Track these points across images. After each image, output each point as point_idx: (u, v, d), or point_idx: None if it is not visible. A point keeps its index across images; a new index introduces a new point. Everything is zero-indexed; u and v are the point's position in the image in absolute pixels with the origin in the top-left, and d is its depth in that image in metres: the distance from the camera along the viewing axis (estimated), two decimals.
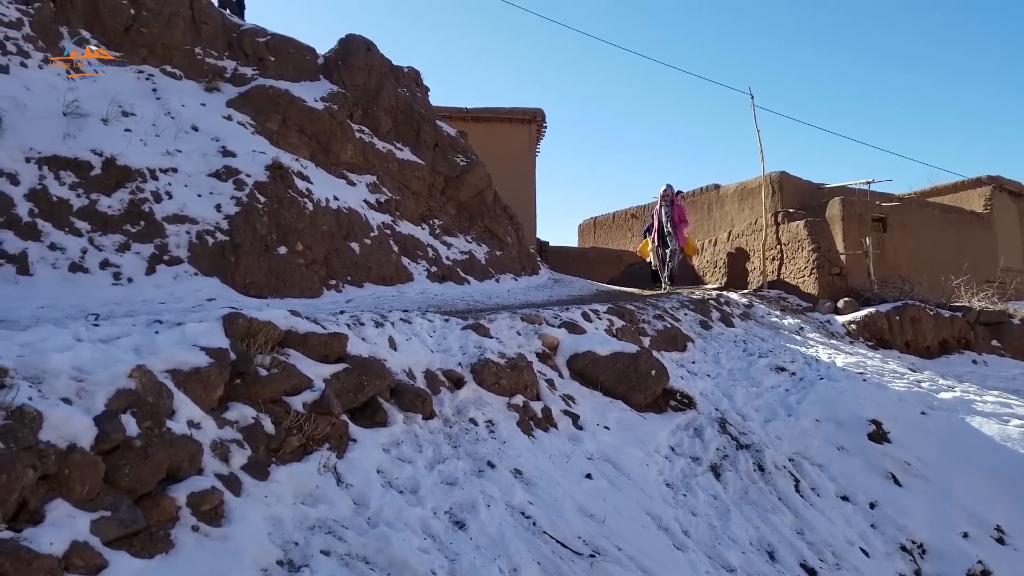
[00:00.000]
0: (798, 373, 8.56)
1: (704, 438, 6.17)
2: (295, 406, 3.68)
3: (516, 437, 4.91)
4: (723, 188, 17.26)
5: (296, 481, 3.30)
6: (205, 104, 9.71)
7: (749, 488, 5.74)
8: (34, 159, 7.04)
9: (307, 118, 10.60)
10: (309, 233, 8.54)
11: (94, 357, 2.94)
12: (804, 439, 6.89)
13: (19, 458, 2.29)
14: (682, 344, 8.60)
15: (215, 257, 7.35)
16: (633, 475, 5.10)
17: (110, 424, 2.62)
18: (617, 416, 5.99)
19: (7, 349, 2.82)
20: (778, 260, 13.81)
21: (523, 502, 4.07)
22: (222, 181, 8.12)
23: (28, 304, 5.53)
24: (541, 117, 19.45)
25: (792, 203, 14.91)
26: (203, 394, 3.22)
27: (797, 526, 5.47)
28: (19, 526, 2.25)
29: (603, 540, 4.04)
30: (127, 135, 7.97)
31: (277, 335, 3.98)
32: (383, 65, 13.23)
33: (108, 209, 7.11)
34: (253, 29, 11.80)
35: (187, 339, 3.40)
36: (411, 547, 3.12)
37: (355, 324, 5.10)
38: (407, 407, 4.48)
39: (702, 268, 15.80)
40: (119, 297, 6.16)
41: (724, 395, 7.52)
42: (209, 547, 2.63)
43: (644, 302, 10.01)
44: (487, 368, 5.42)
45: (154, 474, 2.69)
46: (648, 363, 6.55)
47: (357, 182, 11.00)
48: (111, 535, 2.41)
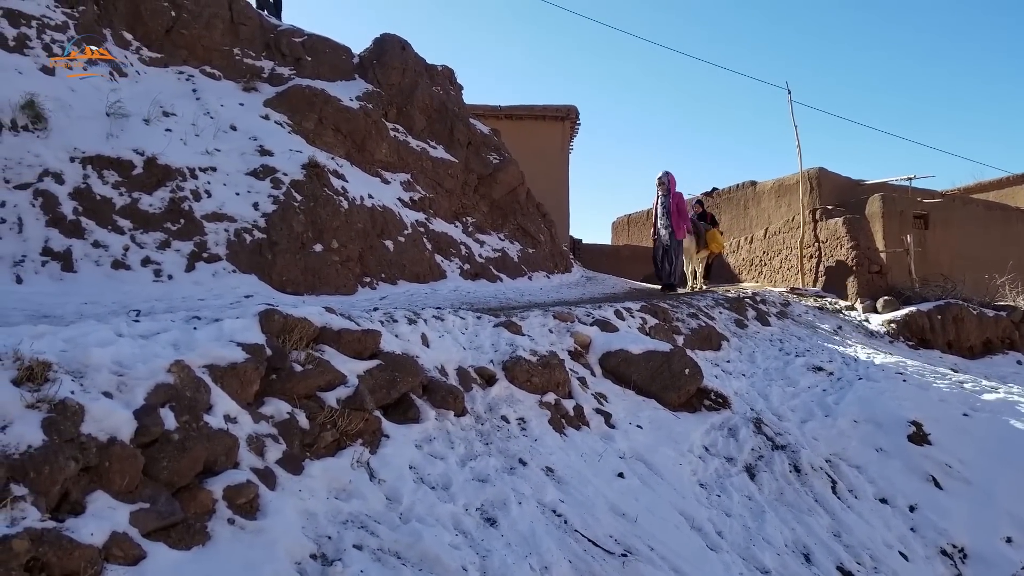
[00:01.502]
0: (836, 373, 8.42)
1: (739, 438, 6.10)
2: (329, 402, 3.72)
3: (548, 435, 4.91)
4: (760, 185, 17.02)
5: (329, 476, 3.34)
6: (243, 104, 9.87)
7: (785, 489, 5.66)
8: (78, 159, 7.23)
9: (343, 117, 10.71)
10: (344, 231, 8.64)
11: (134, 352, 3.01)
12: (842, 440, 6.77)
13: (61, 450, 2.36)
14: (716, 343, 8.51)
15: (253, 255, 7.47)
16: (666, 475, 5.06)
17: (149, 418, 2.68)
18: (650, 415, 5.95)
19: (51, 344, 2.90)
20: (816, 258, 13.58)
21: (555, 500, 4.06)
22: (260, 180, 8.25)
23: (72, 300, 5.69)
24: (575, 114, 19.40)
25: (830, 200, 14.65)
26: (239, 389, 3.28)
27: (834, 528, 5.38)
28: (61, 516, 2.32)
29: (635, 539, 4.02)
30: (168, 135, 8.14)
31: (312, 331, 4.03)
32: (417, 64, 13.31)
33: (149, 207, 7.27)
34: (290, 29, 11.96)
35: (224, 335, 3.46)
36: (443, 543, 3.13)
37: (388, 321, 5.14)
38: (439, 404, 4.50)
39: (737, 266, 15.62)
40: (160, 294, 6.29)
41: (759, 395, 7.43)
42: (244, 540, 2.68)
43: (678, 300, 9.93)
44: (519, 366, 5.42)
45: (191, 467, 2.75)
46: (682, 362, 6.49)
47: (391, 180, 11.09)
48: (149, 527, 2.46)
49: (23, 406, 2.43)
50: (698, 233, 12.59)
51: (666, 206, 11.47)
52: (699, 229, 12.64)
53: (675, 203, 11.38)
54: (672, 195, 11.43)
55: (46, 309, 5.26)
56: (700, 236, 12.64)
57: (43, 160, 6.97)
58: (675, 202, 11.39)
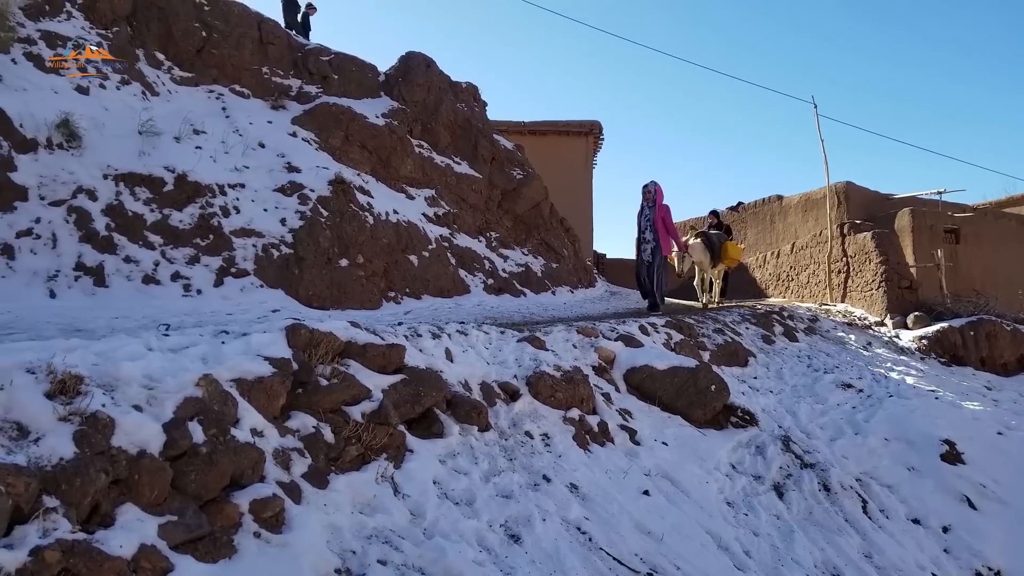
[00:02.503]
0: (866, 390, 8.29)
1: (767, 456, 6.01)
2: (354, 416, 3.74)
3: (572, 451, 4.88)
4: (786, 199, 16.88)
5: (354, 490, 3.35)
6: (271, 121, 10.04)
7: (814, 508, 5.56)
8: (111, 176, 7.38)
9: (368, 134, 10.83)
10: (369, 246, 8.71)
11: (164, 366, 3.06)
12: (872, 459, 6.65)
13: (92, 463, 2.39)
14: (743, 359, 8.42)
15: (280, 269, 7.55)
16: (692, 493, 5.00)
17: (178, 431, 2.72)
18: (675, 432, 5.90)
19: (83, 358, 2.95)
20: (844, 273, 13.41)
21: (579, 517, 4.03)
22: (287, 196, 8.36)
23: (103, 314, 5.79)
24: (598, 129, 19.45)
25: (858, 214, 14.47)
26: (266, 403, 3.31)
27: (865, 549, 5.28)
28: (91, 528, 2.35)
29: (661, 558, 3.97)
30: (198, 152, 8.29)
31: (337, 346, 4.06)
32: (442, 81, 13.45)
33: (179, 223, 7.40)
34: (317, 48, 12.16)
35: (252, 349, 3.50)
36: (466, 559, 3.12)
37: (413, 335, 5.16)
38: (463, 419, 4.50)
39: (764, 281, 15.47)
40: (189, 308, 6.38)
41: (788, 412, 7.33)
42: (270, 553, 2.69)
43: (703, 315, 9.85)
44: (543, 381, 5.40)
45: (219, 480, 2.77)
46: (708, 378, 6.43)
47: (416, 196, 11.18)
48: (177, 539, 2.49)
49: (55, 419, 2.47)
50: (712, 246, 11.79)
51: (650, 219, 10.30)
52: (713, 241, 11.88)
53: (661, 216, 10.24)
54: (658, 207, 10.29)
55: (79, 323, 5.36)
56: (715, 249, 11.82)
57: (77, 177, 7.13)
58: (661, 215, 10.24)
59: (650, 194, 10.41)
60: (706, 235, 11.88)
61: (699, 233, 11.96)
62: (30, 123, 7.22)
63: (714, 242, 11.82)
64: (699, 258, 11.62)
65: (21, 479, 2.18)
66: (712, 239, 11.86)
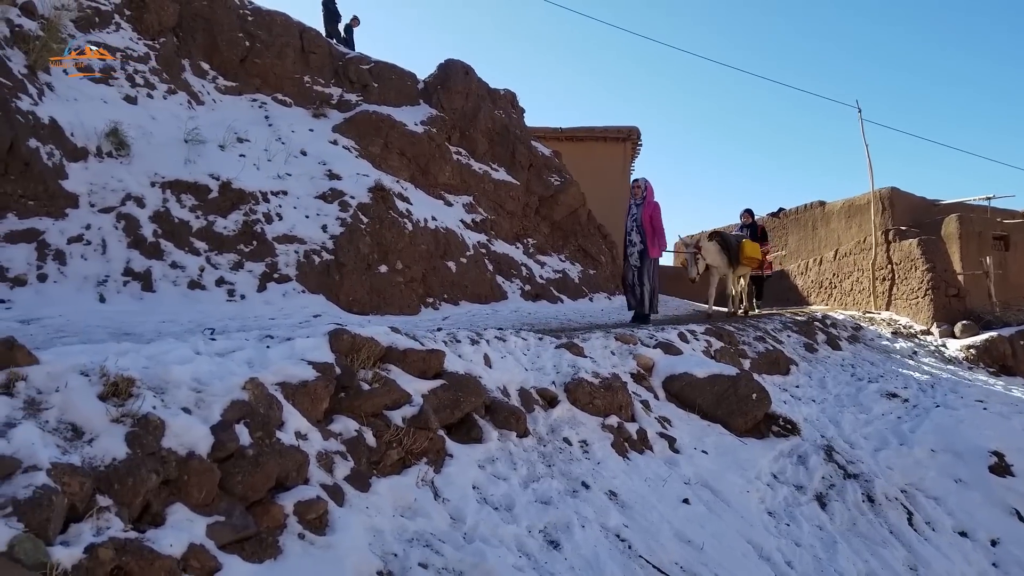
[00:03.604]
0: (911, 400, 8.11)
1: (809, 466, 5.91)
2: (395, 420, 3.77)
3: (610, 458, 4.85)
4: (828, 205, 16.61)
5: (395, 494, 3.38)
6: (313, 129, 10.20)
7: (858, 520, 5.45)
8: (158, 183, 7.57)
9: (408, 141, 10.95)
10: (408, 252, 8.80)
11: (211, 370, 3.12)
12: (918, 470, 6.50)
13: (144, 463, 2.45)
14: (785, 367, 8.29)
15: (321, 275, 7.66)
16: (733, 502, 4.94)
17: (225, 433, 2.77)
18: (715, 440, 5.83)
19: (134, 361, 3.02)
20: (889, 280, 13.14)
21: (618, 524, 4.01)
22: (328, 203, 8.49)
23: (151, 319, 5.94)
24: (636, 135, 19.37)
25: (904, 220, 14.18)
26: (310, 407, 3.35)
27: (910, 562, 5.15)
28: (142, 527, 2.40)
29: (701, 567, 3.93)
30: (241, 160, 8.46)
31: (379, 351, 4.10)
32: (480, 88, 13.53)
33: (224, 230, 7.55)
34: (358, 57, 12.34)
35: (296, 353, 3.55)
36: (506, 564, 3.12)
37: (452, 341, 5.19)
38: (502, 424, 4.51)
39: (806, 288, 15.22)
40: (233, 312, 6.51)
41: (830, 421, 7.20)
42: (314, 555, 2.73)
43: (744, 323, 9.73)
44: (581, 388, 5.39)
45: (265, 482, 2.82)
46: (749, 386, 6.34)
47: (454, 202, 11.26)
48: (225, 539, 2.53)
49: (108, 420, 2.54)
50: (728, 247, 10.74)
51: (637, 218, 9.17)
52: (729, 242, 10.81)
53: (649, 215, 9.11)
54: (647, 205, 9.17)
55: (127, 327, 5.50)
56: (731, 250, 10.75)
57: (126, 185, 7.32)
58: (649, 213, 9.12)
59: (639, 190, 9.34)
60: (721, 235, 10.94)
61: (713, 233, 10.99)
62: (80, 132, 7.44)
63: (731, 242, 10.84)
64: (714, 261, 10.61)
65: (76, 479, 2.25)
66: (728, 239, 10.89)
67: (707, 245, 10.50)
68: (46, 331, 5.09)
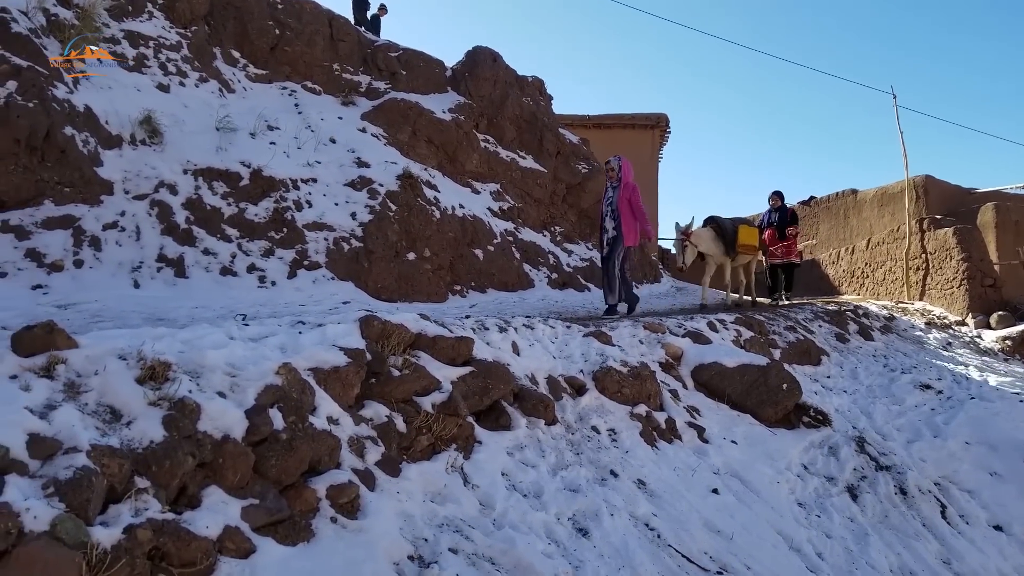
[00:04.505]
0: (945, 391, 7.95)
1: (840, 457, 5.83)
2: (424, 406, 3.79)
3: (639, 447, 4.83)
4: (860, 193, 16.32)
5: (425, 479, 3.40)
6: (342, 117, 10.25)
7: (890, 512, 5.37)
8: (191, 171, 7.66)
9: (435, 129, 10.95)
10: (436, 240, 8.81)
11: (245, 354, 3.15)
12: (952, 462, 6.39)
13: (180, 446, 2.49)
14: (816, 358, 8.19)
15: (350, 262, 7.71)
16: (763, 492, 4.89)
17: (259, 417, 2.80)
18: (745, 431, 5.77)
19: (170, 345, 3.07)
20: (923, 270, 12.89)
21: (647, 513, 3.99)
22: (357, 190, 8.53)
23: (184, 304, 6.02)
24: (664, 122, 19.20)
25: (938, 209, 13.89)
26: (341, 392, 3.38)
27: (943, 555, 5.07)
28: (179, 509, 2.44)
29: (730, 557, 3.90)
30: (272, 148, 8.53)
31: (408, 337, 4.11)
32: (508, 75, 13.48)
33: (255, 217, 7.63)
34: (386, 44, 12.34)
35: (327, 339, 3.58)
36: (536, 551, 3.13)
37: (480, 329, 5.19)
38: (530, 412, 4.51)
39: (837, 277, 15.00)
40: (264, 299, 6.58)
41: (862, 412, 7.10)
42: (346, 538, 2.75)
43: (775, 312, 9.61)
44: (609, 376, 5.36)
45: (298, 466, 2.85)
46: (779, 376, 6.27)
47: (481, 190, 11.26)
48: (259, 522, 2.56)
49: (146, 403, 2.58)
50: (724, 233, 9.77)
51: (612, 202, 8.07)
52: (725, 228, 9.81)
53: (626, 197, 8.02)
54: (624, 187, 8.05)
55: (160, 312, 5.59)
56: (727, 236, 9.77)
57: (159, 172, 7.42)
58: (627, 195, 8.02)
59: (613, 172, 8.19)
60: (716, 221, 9.96)
61: (708, 219, 10.08)
62: (115, 120, 7.55)
63: (726, 228, 9.83)
64: (708, 249, 9.73)
65: (115, 460, 2.29)
66: (724, 225, 9.87)
67: (700, 232, 9.66)
68: (82, 316, 5.19)
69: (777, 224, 11.47)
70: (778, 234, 11.38)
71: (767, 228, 11.46)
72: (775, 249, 11.41)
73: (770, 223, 11.57)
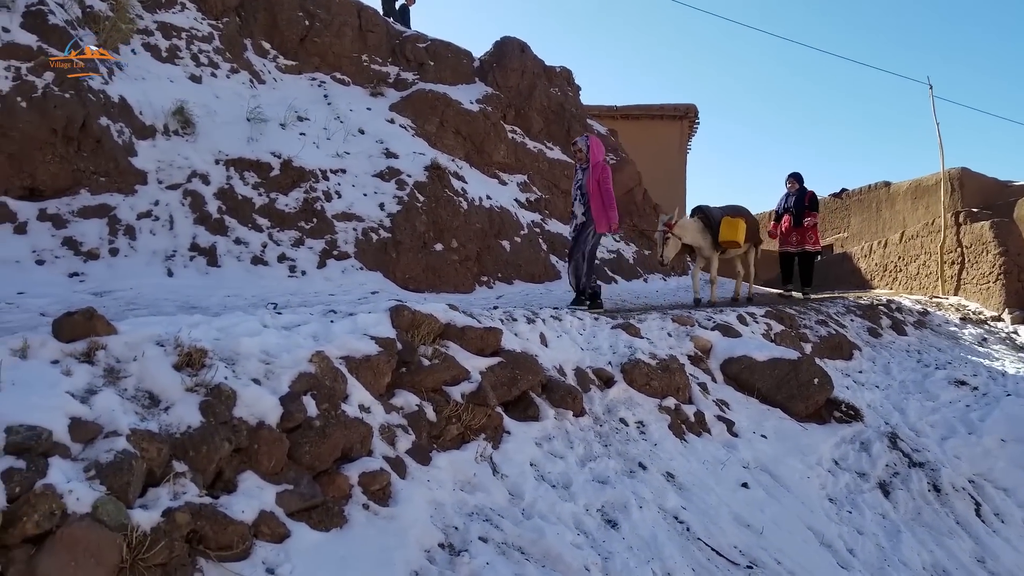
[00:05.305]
0: (981, 388, 7.81)
1: (872, 453, 5.76)
2: (454, 396, 3.80)
3: (667, 440, 4.81)
4: (894, 186, 16.03)
5: (455, 468, 3.41)
6: (370, 108, 10.29)
7: (922, 509, 5.30)
8: (222, 161, 7.74)
9: (463, 120, 10.96)
10: (463, 231, 8.82)
11: (279, 342, 3.19)
12: (987, 460, 6.27)
13: (217, 431, 2.52)
14: (848, 352, 8.07)
15: (378, 253, 7.76)
16: (793, 487, 4.85)
17: (293, 404, 2.83)
18: (775, 425, 5.72)
19: (206, 332, 3.11)
20: (958, 264, 12.63)
21: (676, 506, 3.98)
22: (385, 181, 8.57)
23: (216, 293, 6.10)
24: (693, 113, 19.03)
25: (974, 202, 13.60)
26: (373, 380, 3.40)
27: (978, 553, 4.99)
28: (215, 493, 2.48)
29: (761, 552, 3.87)
30: (302, 138, 8.59)
31: (438, 327, 4.13)
32: (536, 66, 13.43)
33: (285, 207, 7.69)
34: (414, 35, 12.36)
35: (359, 328, 3.60)
36: (565, 541, 3.13)
37: (508, 320, 5.19)
38: (558, 403, 4.50)
39: (869, 271, 14.77)
40: (294, 288, 6.64)
41: (895, 408, 7.00)
42: (378, 525, 2.78)
43: (805, 306, 9.50)
44: (638, 368, 5.34)
45: (331, 453, 2.87)
46: (810, 371, 6.20)
47: (508, 181, 11.24)
48: (293, 507, 2.59)
49: (183, 389, 2.62)
50: (711, 223, 8.96)
51: (582, 186, 7.20)
52: (713, 219, 8.97)
53: (595, 178, 7.12)
54: (593, 168, 7.18)
55: (193, 300, 5.67)
56: (713, 227, 8.94)
57: (191, 162, 7.51)
58: (596, 177, 7.12)
59: (581, 153, 7.29)
60: (704, 210, 9.16)
61: (696, 208, 9.33)
62: (148, 111, 7.65)
63: (715, 219, 8.98)
64: (695, 240, 8.97)
65: (154, 444, 2.33)
66: (712, 215, 9.03)
67: (685, 222, 8.91)
68: (118, 303, 5.28)
69: (794, 210, 10.61)
70: (794, 220, 10.59)
71: (783, 214, 10.76)
72: (790, 237, 10.66)
73: (786, 208, 10.76)
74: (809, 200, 10.59)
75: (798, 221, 10.56)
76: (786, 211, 10.77)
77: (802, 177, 10.80)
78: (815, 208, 10.66)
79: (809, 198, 10.61)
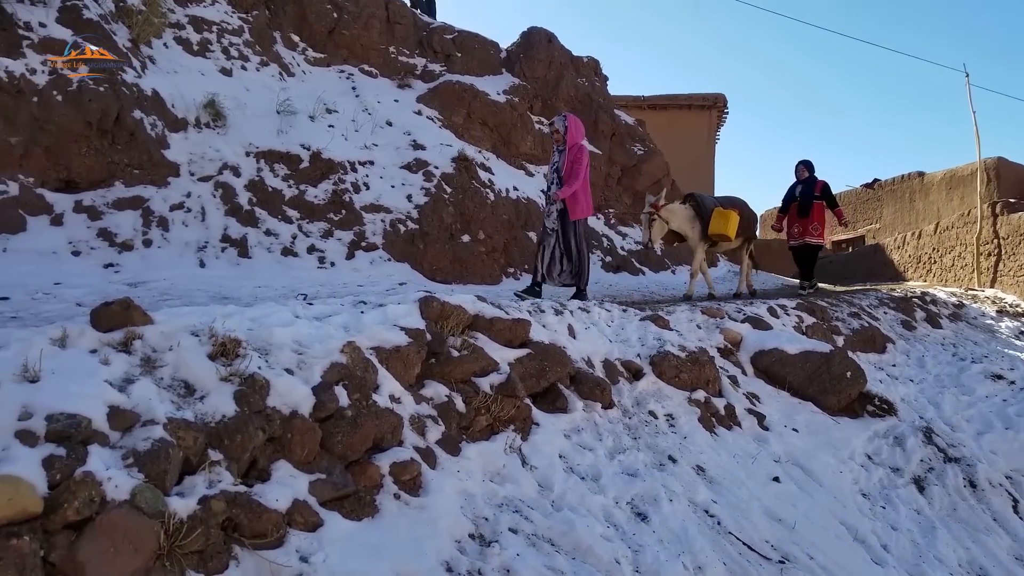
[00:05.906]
0: (1018, 382, 7.63)
1: (906, 448, 5.66)
2: (483, 387, 3.80)
3: (697, 433, 4.77)
4: (928, 176, 15.72)
5: (485, 459, 3.41)
6: (398, 100, 10.31)
7: (958, 505, 5.20)
8: (253, 153, 7.82)
9: (490, 111, 10.94)
10: (490, 222, 8.82)
11: (311, 333, 3.21)
12: None
13: (251, 420, 2.55)
14: (881, 345, 7.94)
15: (406, 244, 7.79)
16: (825, 482, 4.79)
17: (325, 394, 2.85)
18: (807, 419, 5.65)
19: (240, 323, 3.14)
20: (995, 256, 12.36)
21: (706, 500, 3.94)
22: (413, 173, 8.59)
23: (247, 284, 6.16)
24: (722, 103, 18.80)
25: (1012, 192, 13.28)
26: (403, 371, 3.42)
27: (1016, 551, 4.90)
28: (250, 482, 2.50)
29: (792, 547, 3.83)
30: (330, 130, 8.64)
31: (466, 319, 4.13)
32: (563, 56, 13.36)
33: (314, 199, 7.75)
34: (441, 27, 12.35)
35: (388, 319, 3.62)
36: (595, 534, 3.12)
37: (536, 311, 5.17)
38: (587, 395, 4.48)
39: (902, 263, 14.52)
40: (323, 279, 6.69)
41: (930, 402, 6.87)
42: (409, 515, 2.79)
43: (838, 299, 9.36)
44: (667, 361, 5.30)
45: (362, 443, 2.89)
46: (842, 364, 6.11)
47: (535, 172, 11.22)
48: (325, 496, 2.62)
49: (218, 379, 2.65)
50: (703, 213, 8.34)
51: (559, 169, 6.59)
52: (705, 208, 8.36)
53: (571, 160, 6.53)
54: (570, 150, 6.56)
55: (225, 291, 5.73)
56: (705, 218, 8.32)
57: (223, 155, 7.59)
58: (571, 159, 6.53)
59: (558, 134, 6.65)
60: (696, 197, 8.60)
61: (688, 195, 8.82)
62: (180, 104, 7.74)
63: (707, 208, 8.37)
64: (682, 228, 8.35)
65: (190, 433, 2.36)
66: (705, 203, 8.43)
67: (674, 207, 8.32)
68: (152, 294, 5.35)
69: (800, 199, 9.71)
70: (800, 211, 9.69)
71: (790, 204, 9.88)
72: (792, 228, 9.84)
73: (793, 198, 9.83)
74: (822, 190, 9.72)
75: (804, 211, 9.68)
76: (793, 200, 9.89)
77: (813, 166, 9.94)
78: (832, 202, 9.85)
79: (821, 188, 9.73)
